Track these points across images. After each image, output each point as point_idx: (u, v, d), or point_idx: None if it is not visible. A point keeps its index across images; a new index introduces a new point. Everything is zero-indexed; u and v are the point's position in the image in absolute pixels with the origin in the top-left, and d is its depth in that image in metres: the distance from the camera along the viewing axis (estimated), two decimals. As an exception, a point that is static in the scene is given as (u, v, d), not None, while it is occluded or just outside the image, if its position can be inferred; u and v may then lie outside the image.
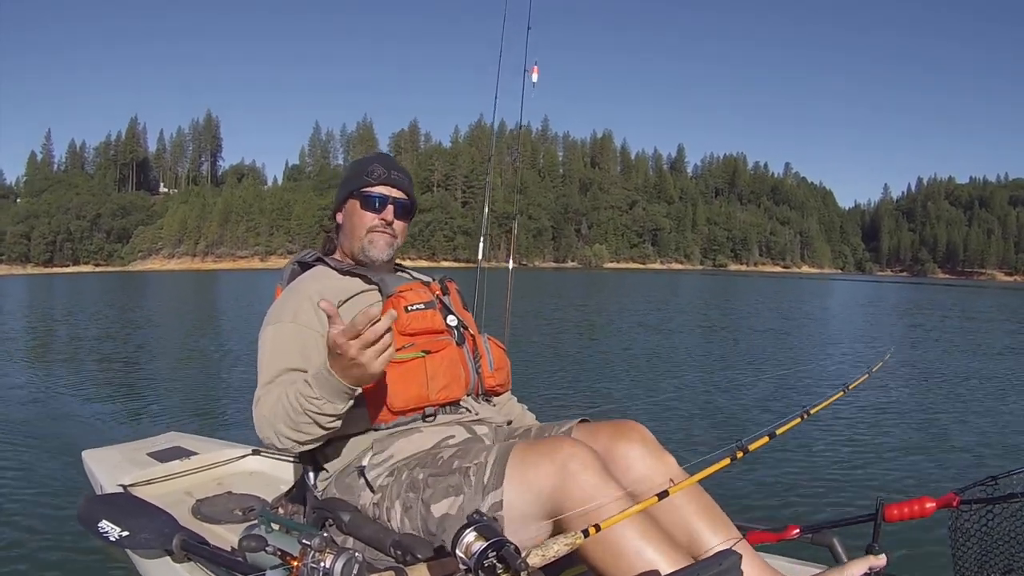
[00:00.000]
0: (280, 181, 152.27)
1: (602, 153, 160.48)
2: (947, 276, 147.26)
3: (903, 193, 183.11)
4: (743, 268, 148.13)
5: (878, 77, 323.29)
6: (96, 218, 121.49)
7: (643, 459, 1.84)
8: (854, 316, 23.98)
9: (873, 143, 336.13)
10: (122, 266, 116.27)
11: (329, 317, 1.62)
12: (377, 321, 1.58)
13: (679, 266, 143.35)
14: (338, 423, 1.81)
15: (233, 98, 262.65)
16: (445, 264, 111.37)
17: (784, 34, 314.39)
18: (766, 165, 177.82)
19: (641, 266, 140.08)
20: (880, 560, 1.82)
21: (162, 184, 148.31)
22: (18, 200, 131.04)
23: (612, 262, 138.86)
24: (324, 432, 1.81)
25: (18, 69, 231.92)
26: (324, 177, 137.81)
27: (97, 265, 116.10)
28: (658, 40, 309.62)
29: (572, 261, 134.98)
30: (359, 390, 1.74)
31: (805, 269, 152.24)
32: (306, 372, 1.87)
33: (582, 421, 2.03)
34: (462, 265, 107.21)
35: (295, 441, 1.82)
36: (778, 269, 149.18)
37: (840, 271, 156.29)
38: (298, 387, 1.76)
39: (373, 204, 2.18)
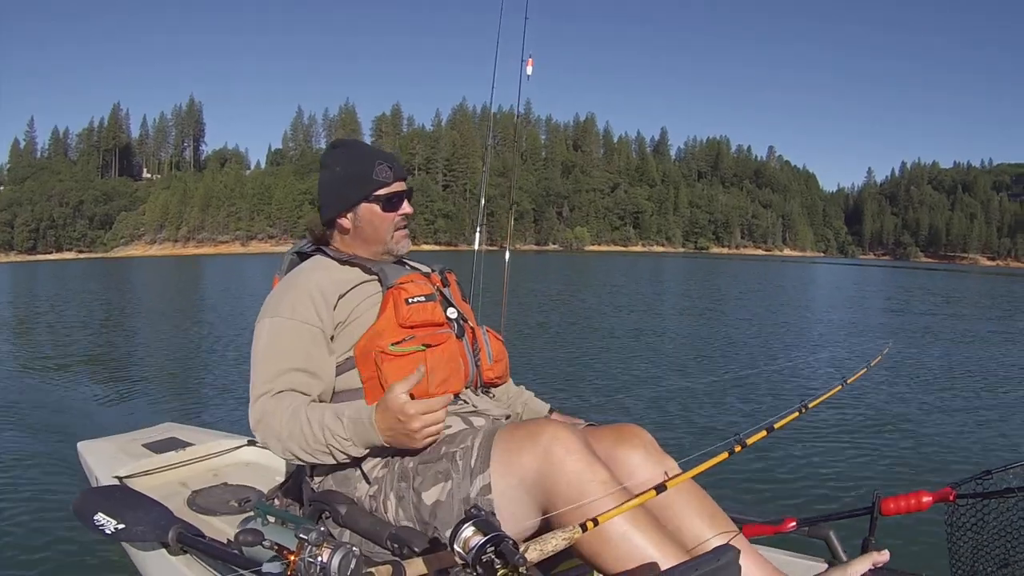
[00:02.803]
0: (263, 165, 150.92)
1: (585, 136, 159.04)
2: (930, 260, 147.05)
3: (887, 177, 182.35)
4: (725, 251, 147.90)
5: (864, 62, 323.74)
6: (79, 205, 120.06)
7: (645, 465, 1.85)
8: (848, 305, 23.85)
9: (857, 128, 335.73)
10: (104, 252, 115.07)
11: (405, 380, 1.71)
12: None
13: (661, 249, 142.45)
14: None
15: (217, 82, 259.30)
16: (426, 247, 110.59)
17: (768, 18, 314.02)
18: (749, 148, 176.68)
19: (623, 248, 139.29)
20: (883, 556, 1.85)
21: (145, 170, 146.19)
22: (1, 188, 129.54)
23: (594, 244, 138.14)
24: (335, 462, 1.85)
25: (0, 56, 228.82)
26: (305, 161, 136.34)
27: (80, 252, 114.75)
28: (642, 23, 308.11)
29: (554, 244, 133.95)
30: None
31: (787, 252, 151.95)
32: (307, 371, 1.90)
33: (588, 425, 2.03)
34: (443, 248, 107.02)
35: (302, 460, 1.86)
36: (760, 252, 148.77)
37: (822, 254, 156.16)
38: (325, 421, 1.78)
39: (393, 203, 2.16)
